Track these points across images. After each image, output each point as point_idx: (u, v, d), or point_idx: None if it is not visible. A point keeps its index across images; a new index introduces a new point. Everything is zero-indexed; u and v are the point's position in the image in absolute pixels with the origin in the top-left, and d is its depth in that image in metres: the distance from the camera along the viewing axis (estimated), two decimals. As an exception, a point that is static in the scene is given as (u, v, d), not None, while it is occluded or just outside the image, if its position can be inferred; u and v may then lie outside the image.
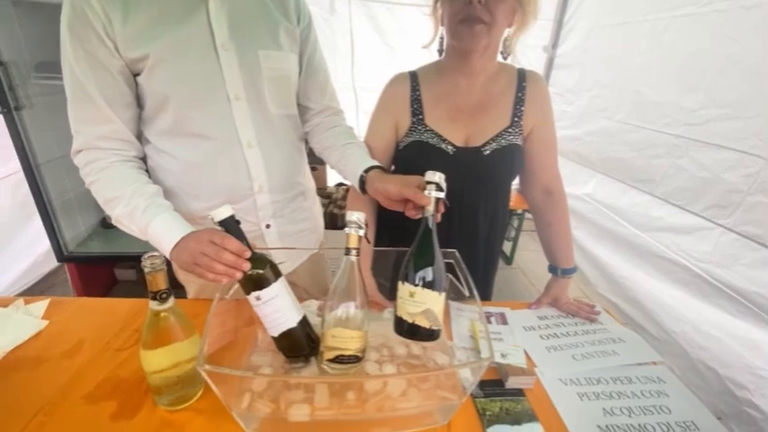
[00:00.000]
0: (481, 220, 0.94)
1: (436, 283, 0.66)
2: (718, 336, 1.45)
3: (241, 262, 0.63)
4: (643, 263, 1.83)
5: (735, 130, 1.41)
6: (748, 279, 1.35)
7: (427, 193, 0.67)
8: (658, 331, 1.69)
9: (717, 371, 1.45)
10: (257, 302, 0.66)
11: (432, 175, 0.67)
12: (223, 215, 0.64)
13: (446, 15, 0.80)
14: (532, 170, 0.94)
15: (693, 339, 1.54)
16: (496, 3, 0.74)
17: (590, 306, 0.98)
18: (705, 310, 1.52)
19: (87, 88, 0.71)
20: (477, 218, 0.93)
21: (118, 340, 0.80)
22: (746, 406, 1.31)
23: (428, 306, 0.65)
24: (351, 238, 0.65)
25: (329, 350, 0.66)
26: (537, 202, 0.97)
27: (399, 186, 0.71)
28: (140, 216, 0.71)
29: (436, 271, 0.66)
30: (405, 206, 0.71)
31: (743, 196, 1.35)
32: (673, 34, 1.70)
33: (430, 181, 0.67)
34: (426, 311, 0.65)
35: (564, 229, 0.97)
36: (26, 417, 0.63)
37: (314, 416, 0.59)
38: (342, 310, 0.66)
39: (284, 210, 0.93)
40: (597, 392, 0.73)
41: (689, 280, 1.58)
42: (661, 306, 1.70)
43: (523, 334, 0.89)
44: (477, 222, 0.93)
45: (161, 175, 0.82)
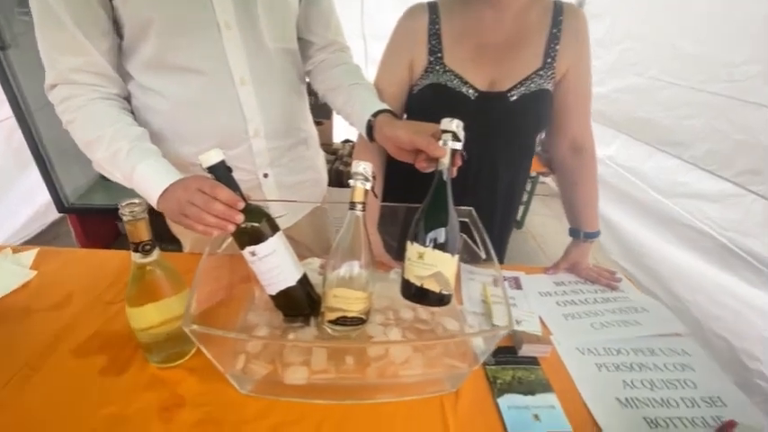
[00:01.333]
0: (502, 175, 0.85)
1: (449, 245, 0.59)
2: (734, 306, 1.40)
3: (233, 213, 0.56)
4: (662, 230, 1.75)
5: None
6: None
7: (442, 143, 0.59)
8: (670, 299, 1.64)
9: (729, 341, 1.41)
10: (252, 258, 0.60)
11: (448, 123, 0.58)
12: (212, 160, 0.57)
13: None
14: (562, 121, 0.84)
15: (707, 309, 1.49)
16: None
17: (610, 273, 0.91)
18: (724, 279, 1.46)
19: (57, 11, 0.61)
20: (498, 173, 0.84)
21: (109, 293, 0.76)
22: (758, 378, 1.28)
23: (439, 269, 0.59)
24: (356, 191, 0.58)
25: (331, 311, 0.61)
26: (563, 159, 0.88)
27: (411, 134, 0.62)
28: (124, 160, 0.64)
29: (449, 231, 0.59)
30: (416, 157, 0.63)
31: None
32: None
33: (446, 129, 0.59)
34: (436, 275, 0.59)
35: (591, 189, 0.88)
36: (11, 369, 0.60)
37: (311, 379, 0.55)
38: (345, 269, 0.60)
39: (283, 158, 0.85)
40: (617, 363, 0.69)
41: (710, 248, 1.50)
42: (676, 274, 1.64)
43: (539, 300, 0.83)
44: (498, 178, 0.85)
45: (147, 116, 0.74)
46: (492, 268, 0.85)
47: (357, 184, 0.57)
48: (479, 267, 0.88)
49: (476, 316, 0.76)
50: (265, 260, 0.60)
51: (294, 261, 0.64)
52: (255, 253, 0.59)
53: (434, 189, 0.61)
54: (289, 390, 0.57)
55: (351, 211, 0.59)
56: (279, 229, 0.62)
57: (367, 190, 0.58)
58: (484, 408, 0.60)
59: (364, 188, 0.58)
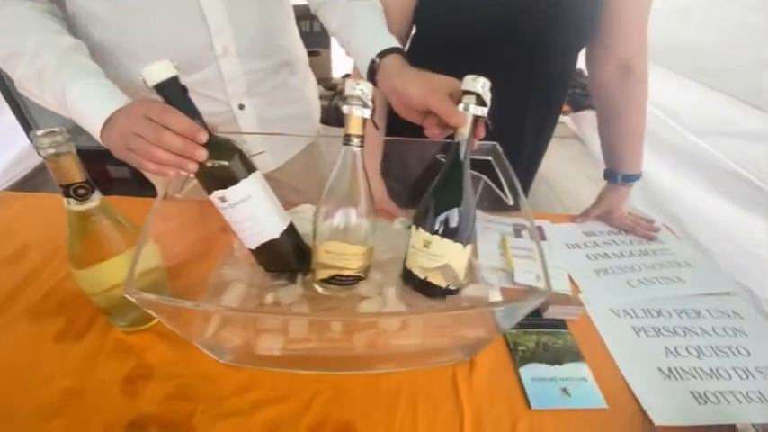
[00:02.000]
0: (534, 99, 0.70)
1: (461, 233, 0.49)
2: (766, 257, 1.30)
3: (192, 147, 0.43)
4: (691, 173, 1.59)
5: None
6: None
7: (463, 107, 0.45)
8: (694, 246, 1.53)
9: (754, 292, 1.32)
10: (222, 205, 0.48)
11: (471, 82, 0.45)
12: (160, 76, 0.43)
13: None
14: (611, 35, 0.67)
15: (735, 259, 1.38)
16: None
17: (648, 221, 0.79)
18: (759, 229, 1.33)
19: None
20: (530, 96, 0.69)
21: (69, 245, 0.66)
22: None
23: (447, 261, 0.49)
24: (352, 120, 0.45)
25: (323, 268, 0.51)
26: (608, 84, 0.71)
27: (425, 91, 0.47)
28: (52, 80, 0.50)
29: (463, 217, 0.49)
30: (426, 119, 0.49)
31: None
32: None
33: (468, 90, 0.45)
34: (444, 267, 0.49)
35: (637, 121, 0.73)
36: (-47, 333, 0.51)
37: (289, 350, 0.46)
38: (339, 218, 0.49)
39: (263, 85, 0.69)
40: (658, 327, 0.59)
41: (748, 194, 1.36)
42: (703, 221, 1.51)
43: (566, 253, 0.72)
44: (528, 103, 0.70)
45: (86, 26, 0.57)
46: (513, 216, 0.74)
47: (353, 110, 0.44)
48: (497, 215, 0.76)
49: (493, 271, 0.66)
50: (239, 208, 0.48)
51: (277, 208, 0.52)
52: (225, 199, 0.47)
53: (449, 165, 0.49)
54: (273, 359, 0.48)
55: (346, 146, 0.46)
56: (255, 168, 0.50)
57: (365, 119, 0.45)
58: (503, 379, 0.51)
59: (362, 116, 0.44)
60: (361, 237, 0.50)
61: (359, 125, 0.45)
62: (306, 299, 0.52)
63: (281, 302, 0.51)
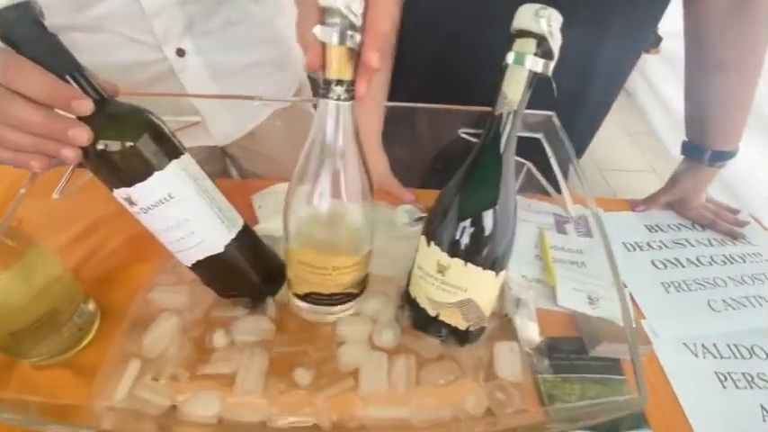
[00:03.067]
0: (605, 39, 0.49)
1: (494, 255, 0.33)
2: None
3: (64, 124, 0.27)
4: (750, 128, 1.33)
5: None
6: None
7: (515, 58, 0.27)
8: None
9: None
10: (132, 209, 0.32)
11: (533, 18, 0.25)
12: None
13: None
14: None
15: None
16: None
17: (733, 212, 0.60)
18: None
19: None
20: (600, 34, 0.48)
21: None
22: None
23: (470, 296, 0.33)
24: (333, 54, 0.25)
25: (298, 282, 0.36)
26: (714, 20, 0.48)
27: None
28: None
29: (498, 233, 0.33)
30: None
31: None
32: None
33: (526, 30, 0.26)
34: (464, 303, 0.33)
35: (751, 78, 0.51)
36: None
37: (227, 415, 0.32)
38: (318, 209, 0.32)
39: (212, 19, 0.49)
40: (751, 375, 0.43)
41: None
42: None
43: (624, 257, 0.55)
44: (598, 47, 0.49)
45: None
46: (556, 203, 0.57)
47: (333, 37, 0.24)
48: (536, 201, 0.59)
49: (527, 284, 0.50)
50: (156, 213, 0.32)
51: (219, 208, 0.35)
52: (133, 201, 0.31)
53: (482, 153, 0.32)
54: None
55: (323, 99, 0.28)
56: (182, 151, 0.33)
57: (353, 50, 0.26)
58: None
59: (347, 47, 0.25)
60: (352, 239, 0.34)
61: (345, 65, 0.26)
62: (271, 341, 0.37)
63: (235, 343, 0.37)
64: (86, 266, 0.43)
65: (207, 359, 0.35)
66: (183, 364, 0.34)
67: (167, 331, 0.36)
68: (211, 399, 0.32)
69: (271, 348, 0.36)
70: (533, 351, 0.42)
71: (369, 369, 0.35)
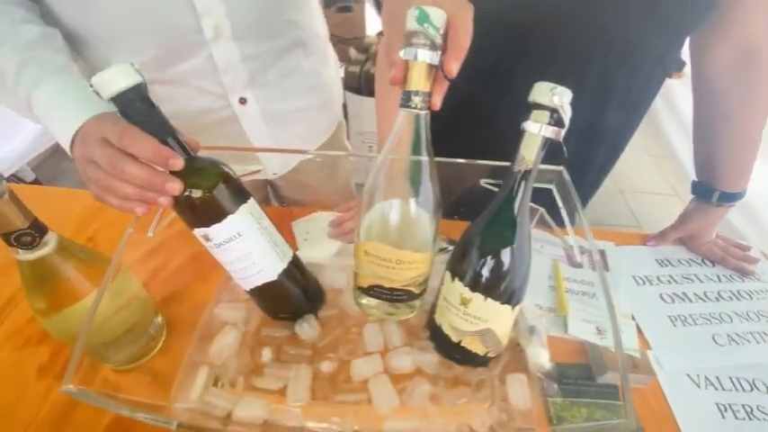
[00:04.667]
0: (614, 103, 0.53)
1: (510, 291, 0.38)
2: None
3: (162, 179, 0.34)
4: None
5: None
6: None
7: (532, 126, 0.32)
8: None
9: None
10: (207, 244, 0.39)
11: (546, 94, 0.31)
12: (116, 85, 0.32)
13: None
14: (730, 13, 0.48)
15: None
16: None
17: (743, 248, 0.63)
18: None
19: None
20: (609, 100, 0.53)
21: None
22: None
23: (489, 326, 0.38)
24: (415, 70, 0.31)
25: (362, 272, 0.41)
26: (721, 74, 0.53)
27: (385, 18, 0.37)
28: (13, 83, 0.41)
29: (514, 272, 0.37)
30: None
31: None
32: None
33: (541, 104, 0.31)
34: (484, 333, 0.38)
35: (756, 126, 0.55)
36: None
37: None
38: (389, 210, 0.38)
39: (269, 73, 0.57)
40: (750, 407, 0.46)
41: None
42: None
43: (634, 290, 0.58)
44: (608, 110, 0.54)
45: (55, 9, 0.47)
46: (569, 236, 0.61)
47: (418, 53, 0.30)
48: (549, 232, 0.63)
49: (541, 312, 0.54)
50: (227, 247, 0.39)
51: (274, 243, 0.42)
52: (210, 238, 0.38)
53: (501, 204, 0.37)
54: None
55: (403, 108, 0.33)
56: (249, 196, 0.40)
57: (434, 66, 0.31)
58: (543, 469, 0.41)
59: (428, 62, 0.31)
60: (418, 237, 0.39)
61: (423, 76, 0.31)
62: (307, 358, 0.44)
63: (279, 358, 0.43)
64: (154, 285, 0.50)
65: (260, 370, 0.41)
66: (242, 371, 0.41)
67: (229, 343, 0.43)
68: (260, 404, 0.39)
69: (312, 362, 0.42)
70: (544, 375, 0.46)
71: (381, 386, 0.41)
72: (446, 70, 0.31)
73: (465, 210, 0.44)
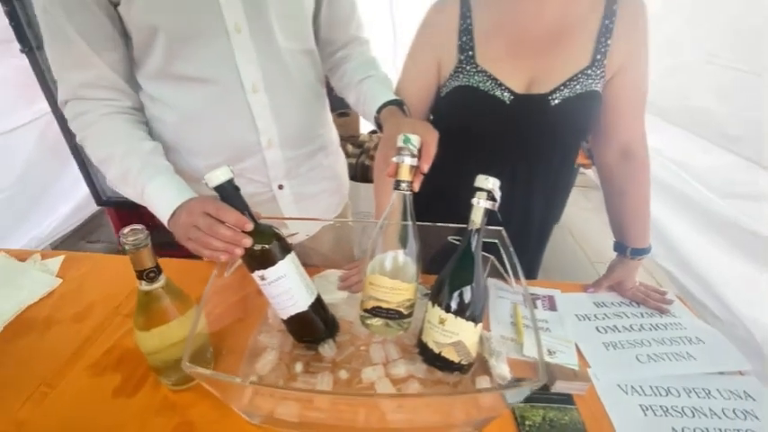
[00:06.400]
0: (539, 187, 0.77)
1: (473, 313, 0.55)
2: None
3: (240, 236, 0.53)
4: (716, 234, 1.58)
5: None
6: None
7: (476, 201, 0.54)
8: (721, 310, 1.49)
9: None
10: (262, 282, 0.56)
11: (483, 181, 0.53)
12: (219, 179, 0.53)
13: None
14: (611, 124, 0.74)
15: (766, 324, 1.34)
16: None
17: (661, 293, 0.82)
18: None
19: (61, 24, 0.58)
20: (534, 185, 0.76)
21: (127, 305, 0.75)
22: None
23: (460, 338, 0.55)
24: (402, 169, 0.53)
25: (367, 298, 0.57)
26: (610, 166, 0.78)
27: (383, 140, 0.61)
28: (134, 179, 0.62)
29: (474, 298, 0.55)
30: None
31: None
32: None
33: (481, 188, 0.53)
34: (457, 344, 0.55)
35: (641, 200, 0.78)
36: (30, 386, 0.60)
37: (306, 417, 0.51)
38: (386, 255, 0.56)
39: (300, 168, 0.80)
40: (666, 406, 0.61)
41: None
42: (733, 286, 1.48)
43: (576, 324, 0.75)
44: (534, 190, 0.77)
45: (157, 128, 0.71)
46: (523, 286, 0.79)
47: (404, 159, 0.52)
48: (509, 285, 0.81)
49: (504, 341, 0.70)
50: (275, 284, 0.56)
51: (306, 284, 0.60)
52: (265, 277, 0.56)
53: (462, 252, 0.56)
54: (293, 424, 0.54)
55: (396, 190, 0.54)
56: (291, 250, 0.58)
57: (414, 166, 0.53)
58: (510, 453, 0.54)
59: (410, 165, 0.52)
60: (406, 274, 0.56)
61: (407, 172, 0.53)
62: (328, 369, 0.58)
63: (307, 370, 0.58)
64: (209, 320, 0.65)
65: (294, 378, 0.55)
66: (281, 380, 0.55)
67: (270, 360, 0.57)
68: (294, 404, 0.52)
69: (332, 371, 0.57)
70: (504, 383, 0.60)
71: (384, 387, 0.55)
72: (421, 169, 0.53)
73: (440, 259, 0.63)
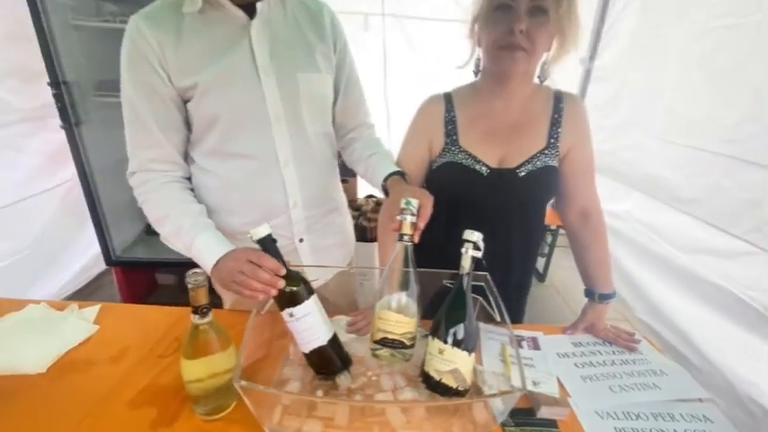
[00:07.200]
0: (515, 241, 0.92)
1: (467, 343, 0.67)
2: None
3: (276, 279, 0.65)
4: (685, 287, 1.72)
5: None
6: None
7: (464, 251, 0.68)
8: (701, 361, 1.58)
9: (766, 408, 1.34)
10: (290, 319, 0.68)
11: (470, 234, 0.68)
12: (261, 234, 0.67)
13: (485, 40, 0.81)
14: (569, 192, 0.92)
15: (741, 373, 1.43)
16: (537, 31, 0.75)
17: (629, 334, 0.93)
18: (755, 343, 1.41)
19: (143, 115, 0.76)
20: (512, 239, 0.92)
21: (159, 347, 0.84)
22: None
23: (457, 366, 0.65)
24: (404, 225, 0.67)
25: (376, 331, 0.68)
26: (573, 225, 0.95)
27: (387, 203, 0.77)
28: (185, 234, 0.75)
29: (467, 331, 0.67)
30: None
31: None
32: (710, 45, 1.63)
33: (468, 239, 0.68)
34: (454, 371, 0.65)
35: (602, 252, 0.93)
36: (76, 420, 0.67)
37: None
38: (391, 296, 0.68)
39: (317, 224, 0.95)
40: (636, 428, 0.70)
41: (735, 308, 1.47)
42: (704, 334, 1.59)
43: (557, 361, 0.86)
44: (512, 244, 0.92)
45: (203, 193, 0.87)
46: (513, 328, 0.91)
47: (406, 217, 0.67)
48: (498, 327, 0.93)
49: (495, 376, 0.79)
50: (301, 321, 0.67)
51: (326, 321, 0.71)
52: (293, 314, 0.67)
53: (455, 293, 0.70)
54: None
55: (399, 242, 0.68)
56: (314, 292, 0.71)
57: (414, 223, 0.67)
58: (503, 470, 0.62)
59: (411, 221, 0.67)
60: (409, 310, 0.68)
61: (409, 227, 0.67)
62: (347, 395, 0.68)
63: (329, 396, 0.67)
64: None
65: (315, 405, 0.64)
66: (304, 407, 0.64)
67: (294, 389, 0.66)
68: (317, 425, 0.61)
69: (349, 398, 0.66)
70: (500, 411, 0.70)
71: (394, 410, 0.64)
72: (419, 226, 0.68)
73: (438, 300, 0.75)
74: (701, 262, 1.64)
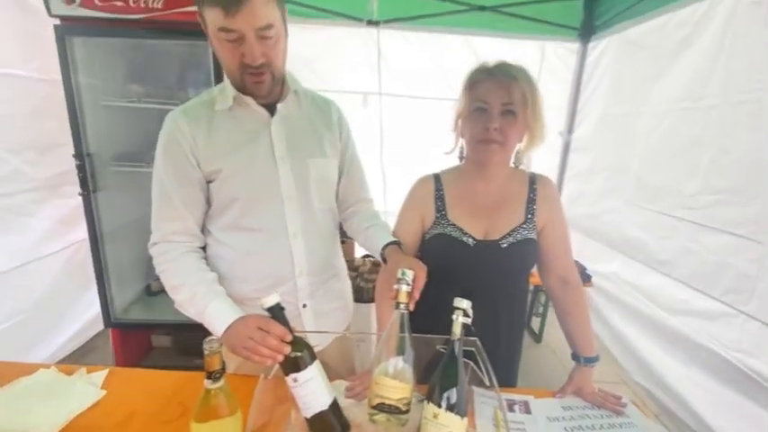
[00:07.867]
0: (502, 306, 1.00)
1: (459, 407, 0.72)
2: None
3: (283, 346, 0.72)
4: (676, 349, 1.77)
5: (732, 216, 1.46)
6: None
7: (455, 317, 0.75)
8: (698, 425, 1.57)
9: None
10: (294, 384, 0.73)
11: (459, 302, 0.75)
12: (271, 302, 0.74)
13: (467, 133, 0.97)
14: (547, 261, 1.02)
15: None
16: (509, 128, 0.90)
17: (616, 398, 0.97)
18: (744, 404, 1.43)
19: (171, 195, 0.88)
20: (498, 305, 0.99)
21: (165, 413, 0.87)
22: None
23: (451, 430, 0.70)
24: (400, 294, 0.74)
25: (374, 396, 0.72)
26: (554, 291, 1.03)
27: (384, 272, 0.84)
28: (200, 301, 0.83)
29: (459, 396, 0.72)
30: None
31: (753, 282, 1.35)
32: (671, 123, 1.84)
33: (457, 307, 0.75)
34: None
35: (582, 317, 1.01)
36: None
37: None
38: (388, 361, 0.73)
39: (319, 290, 1.03)
40: (624, 490, 0.73)
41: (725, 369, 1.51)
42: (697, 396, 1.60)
43: (547, 425, 0.89)
44: (498, 309, 1.00)
45: (217, 262, 0.95)
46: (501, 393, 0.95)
47: (402, 287, 0.74)
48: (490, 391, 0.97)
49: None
50: (304, 385, 0.73)
51: (327, 386, 0.76)
52: (297, 379, 0.73)
53: (447, 359, 0.75)
54: None
55: (396, 310, 0.75)
56: (316, 357, 0.77)
57: (409, 292, 0.75)
58: None
59: (407, 290, 0.74)
60: (404, 376, 0.72)
61: (404, 296, 0.74)
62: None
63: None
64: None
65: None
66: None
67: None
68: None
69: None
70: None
71: None
72: (414, 295, 0.76)
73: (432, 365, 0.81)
74: (687, 323, 1.70)
